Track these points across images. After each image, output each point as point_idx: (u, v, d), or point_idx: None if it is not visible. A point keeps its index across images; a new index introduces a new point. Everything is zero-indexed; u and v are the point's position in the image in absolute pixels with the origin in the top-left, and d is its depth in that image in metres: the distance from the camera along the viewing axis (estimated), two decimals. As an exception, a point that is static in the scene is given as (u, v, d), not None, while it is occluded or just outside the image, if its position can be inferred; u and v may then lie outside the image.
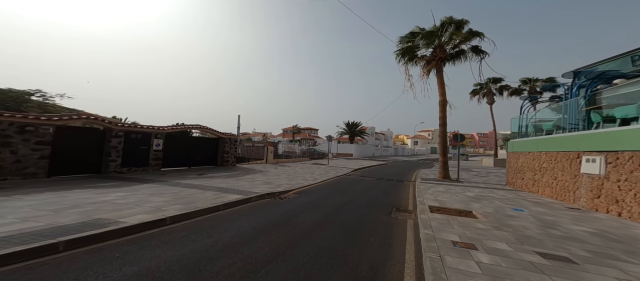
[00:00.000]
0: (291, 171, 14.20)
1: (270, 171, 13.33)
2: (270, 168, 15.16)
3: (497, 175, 17.28)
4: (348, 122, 43.16)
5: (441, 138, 13.29)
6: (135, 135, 10.27)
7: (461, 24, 13.13)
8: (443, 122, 13.25)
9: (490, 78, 34.58)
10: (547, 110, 10.85)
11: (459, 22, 13.13)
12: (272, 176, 11.43)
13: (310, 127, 64.42)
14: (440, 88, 13.48)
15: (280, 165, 17.64)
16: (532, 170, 9.31)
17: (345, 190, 9.23)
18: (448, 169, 13.14)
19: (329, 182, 11.08)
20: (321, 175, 12.87)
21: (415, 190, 9.55)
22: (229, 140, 14.49)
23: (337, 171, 15.71)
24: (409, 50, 14.70)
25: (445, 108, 13.29)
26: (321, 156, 29.51)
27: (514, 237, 3.97)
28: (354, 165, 21.89)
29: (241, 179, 9.77)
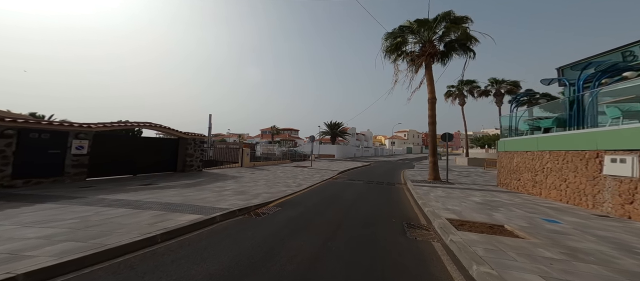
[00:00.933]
0: (271, 176, 12.51)
1: (245, 176, 11.51)
2: (246, 172, 13.30)
3: (478, 174, 17.17)
4: (329, 122, 42.14)
5: (431, 137, 12.55)
6: (37, 135, 7.49)
7: (461, 21, 12.45)
8: (433, 120, 12.53)
9: (463, 80, 36.12)
10: (545, 107, 10.47)
11: (458, 19, 12.45)
12: (247, 183, 9.68)
13: (291, 128, 62.45)
14: (429, 85, 12.78)
15: (258, 168, 15.79)
16: (532, 170, 8.77)
17: (336, 198, 7.86)
18: (438, 170, 12.42)
19: (315, 188, 9.63)
20: (305, 180, 11.38)
21: (414, 194, 8.50)
22: (193, 141, 11.95)
23: (322, 174, 14.33)
24: (398, 45, 13.87)
25: (434, 106, 12.60)
26: (303, 158, 27.95)
27: (614, 272, 2.88)
28: (338, 167, 20.70)
29: (205, 189, 7.82)
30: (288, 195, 7.89)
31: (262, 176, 12.09)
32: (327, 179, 12.54)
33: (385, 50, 14.89)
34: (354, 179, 13.11)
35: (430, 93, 12.67)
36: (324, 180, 12.06)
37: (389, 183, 11.77)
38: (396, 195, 8.91)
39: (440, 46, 13.57)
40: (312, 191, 8.99)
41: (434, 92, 12.67)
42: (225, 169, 14.26)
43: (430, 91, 12.66)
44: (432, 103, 12.55)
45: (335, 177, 14.19)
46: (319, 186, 10.30)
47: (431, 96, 12.60)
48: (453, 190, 9.58)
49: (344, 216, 5.60)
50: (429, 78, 12.90)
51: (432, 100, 12.57)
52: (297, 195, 8.03)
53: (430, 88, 12.72)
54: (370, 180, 12.72)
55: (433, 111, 12.52)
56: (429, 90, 12.74)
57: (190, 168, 11.80)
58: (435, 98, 12.60)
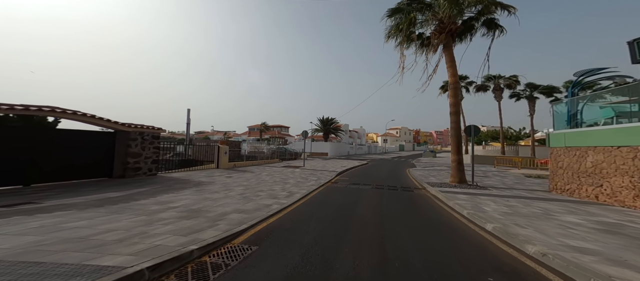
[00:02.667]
0: (253, 180, 9.72)
1: (216, 182, 8.66)
2: (220, 176, 10.41)
3: (496, 174, 15.06)
4: (322, 118, 39.46)
5: (454, 130, 10.15)
6: None
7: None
8: (455, 109, 10.14)
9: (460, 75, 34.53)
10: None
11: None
12: (214, 193, 6.87)
13: (281, 125, 59.32)
14: (451, 68, 10.37)
15: (238, 170, 12.91)
16: (628, 173, 6.47)
17: (348, 218, 5.21)
18: (464, 171, 10.04)
19: (313, 199, 6.96)
20: (298, 186, 8.69)
21: (455, 207, 6.02)
22: (141, 136, 8.54)
23: (317, 176, 11.68)
24: (408, 23, 11.38)
25: (457, 93, 10.21)
26: (294, 156, 25.18)
27: None
28: (334, 166, 18.12)
29: (131, 209, 4.81)
30: (273, 214, 5.17)
31: (241, 181, 9.27)
32: (325, 183, 9.91)
33: (390, 32, 12.43)
34: (359, 183, 10.55)
35: (451, 77, 10.27)
36: (322, 185, 9.42)
37: (405, 188, 9.29)
38: (429, 208, 6.38)
39: (458, 21, 11.21)
40: (309, 205, 6.32)
41: (457, 75, 10.28)
42: (196, 171, 11.29)
43: (452, 74, 10.27)
44: (454, 89, 10.16)
45: (334, 179, 11.59)
46: (316, 195, 7.65)
47: (453, 80, 10.21)
48: (500, 198, 7.19)
49: (378, 267, 3.00)
50: (449, 60, 10.48)
51: (454, 86, 10.18)
52: (286, 214, 5.33)
53: (451, 71, 10.32)
54: (379, 184, 10.19)
55: (456, 99, 10.13)
56: (450, 73, 10.34)
57: (135, 172, 8.41)
58: (458, 82, 10.22)
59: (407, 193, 8.47)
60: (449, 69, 10.38)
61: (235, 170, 12.55)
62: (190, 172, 10.91)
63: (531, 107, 29.68)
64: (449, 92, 10.24)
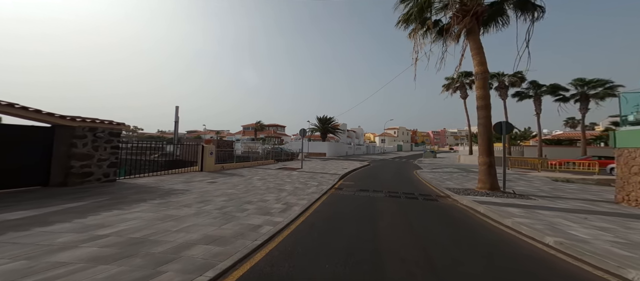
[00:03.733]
0: (242, 187, 7.98)
1: (193, 191, 6.87)
2: (201, 182, 8.64)
3: (519, 177, 13.59)
4: (320, 117, 37.80)
5: (483, 127, 8.55)
6: None
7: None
8: (485, 103, 8.55)
9: (462, 72, 33.18)
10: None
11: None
12: (182, 209, 5.10)
13: (276, 124, 57.46)
14: (478, 56, 8.77)
15: (226, 173, 11.13)
16: None
17: (372, 253, 3.53)
18: (495, 176, 8.44)
19: (316, 214, 5.22)
20: (296, 194, 6.98)
21: (521, 229, 4.40)
22: (94, 133, 6.53)
23: (318, 181, 9.99)
24: (422, 7, 9.81)
25: (486, 84, 8.61)
26: (290, 157, 23.44)
27: None
28: (335, 168, 16.46)
29: (10, 244, 2.95)
30: (261, 245, 3.46)
31: (226, 188, 7.52)
32: (327, 190, 8.23)
33: (400, 19, 10.91)
34: (367, 189, 8.89)
35: (478, 65, 8.67)
36: (325, 192, 7.75)
37: (426, 197, 7.64)
38: (483, 231, 4.72)
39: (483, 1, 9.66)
40: (312, 225, 4.61)
41: (485, 63, 8.68)
42: (172, 176, 9.47)
43: (479, 62, 8.67)
44: (483, 80, 8.55)
45: (338, 184, 9.93)
46: (320, 207, 5.95)
47: (482, 69, 8.60)
48: (567, 213, 5.58)
49: None
50: (475, 47, 8.88)
51: (483, 75, 8.58)
52: (282, 243, 3.62)
53: (478, 59, 8.72)
54: (392, 191, 8.55)
55: (485, 90, 8.52)
56: (476, 62, 8.74)
57: (83, 178, 6.28)
58: (488, 71, 8.63)
59: (432, 203, 6.83)
60: (476, 57, 8.79)
61: (222, 174, 10.76)
62: (164, 177, 9.09)
63: (537, 105, 28.50)
64: (477, 83, 8.63)
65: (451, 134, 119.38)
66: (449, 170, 17.59)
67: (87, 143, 6.28)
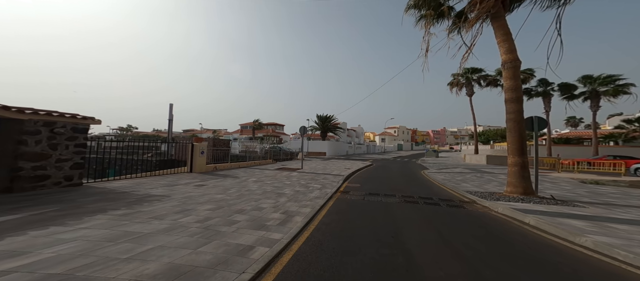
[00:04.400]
0: (234, 191, 6.87)
1: (173, 197, 5.76)
2: (187, 186, 7.52)
3: (542, 179, 12.50)
4: (320, 115, 36.70)
5: (513, 123, 7.40)
6: None
7: None
8: (516, 95, 7.39)
9: (469, 68, 32.16)
10: None
11: None
12: (150, 222, 3.97)
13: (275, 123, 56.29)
14: (506, 43, 7.63)
15: (218, 174, 10.00)
16: None
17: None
18: (530, 179, 7.29)
19: (322, 227, 4.09)
20: (297, 199, 5.87)
21: (615, 254, 3.33)
22: (51, 129, 5.37)
23: (321, 183, 8.90)
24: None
25: (518, 73, 7.47)
26: (289, 156, 22.33)
27: None
28: (337, 168, 15.39)
29: None
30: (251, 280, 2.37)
31: (214, 193, 6.40)
32: (332, 194, 7.16)
33: (412, 3, 9.92)
34: (377, 192, 7.80)
35: (507, 53, 7.53)
36: (330, 197, 6.68)
37: (449, 203, 6.56)
38: (543, 251, 3.62)
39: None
40: (319, 244, 3.49)
41: (515, 50, 7.54)
42: (153, 178, 8.35)
43: (508, 50, 7.53)
44: (513, 69, 7.40)
45: (343, 187, 8.84)
46: (326, 217, 4.85)
47: (511, 57, 7.46)
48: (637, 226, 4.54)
49: None
50: (502, 33, 7.74)
51: (513, 64, 7.42)
52: (281, 275, 2.54)
53: (506, 46, 7.58)
54: (406, 195, 7.46)
55: (516, 81, 7.36)
56: (504, 49, 7.61)
57: (36, 182, 5.11)
58: (519, 59, 7.49)
59: (460, 211, 5.74)
60: (503, 44, 7.66)
61: (214, 175, 9.63)
62: (145, 179, 7.95)
63: (546, 103, 27.52)
64: (505, 73, 7.50)
65: (451, 133, 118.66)
66: (458, 170, 16.56)
67: (42, 141, 5.10)
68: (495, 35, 7.85)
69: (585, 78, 24.02)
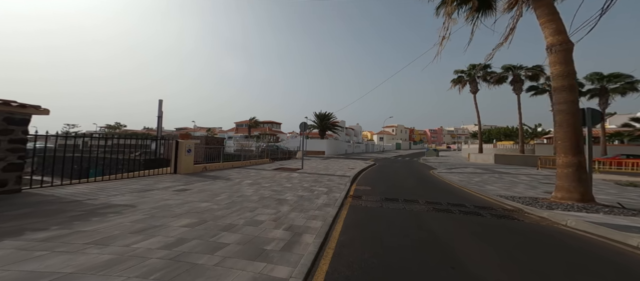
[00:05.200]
0: (224, 197, 5.57)
1: (140, 208, 4.43)
2: (164, 192, 6.17)
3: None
4: (318, 113, 35.41)
5: (566, 115, 6.04)
6: None
7: None
8: (568, 83, 6.06)
9: (473, 65, 31.23)
10: None
11: None
12: (85, 251, 2.68)
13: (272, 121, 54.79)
14: (553, 23, 6.33)
15: (207, 176, 8.67)
16: None
17: None
18: (588, 182, 5.91)
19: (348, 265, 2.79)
20: (301, 208, 4.60)
21: None
22: None
23: (326, 186, 7.64)
24: None
25: (570, 58, 6.22)
26: (287, 155, 21.04)
27: None
28: (339, 167, 14.17)
29: None
30: None
31: (198, 201, 5.09)
32: (343, 200, 5.94)
33: None
34: (395, 197, 6.57)
35: (554, 35, 6.29)
36: (341, 205, 5.44)
37: (494, 213, 5.34)
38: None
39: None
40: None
41: (565, 32, 6.30)
42: (128, 181, 6.98)
43: (556, 31, 6.28)
44: (563, 53, 6.13)
45: (352, 190, 7.61)
46: (344, 239, 3.57)
47: (560, 39, 6.20)
48: None
49: None
50: (547, 13, 6.47)
51: (563, 47, 6.15)
52: None
53: (554, 27, 6.32)
54: (432, 201, 6.26)
55: (567, 66, 6.08)
56: (551, 30, 6.34)
57: None
58: (570, 41, 6.26)
59: (515, 224, 4.54)
60: (549, 25, 6.40)
61: (202, 177, 8.30)
62: (112, 183, 6.56)
63: (553, 100, 26.75)
64: (553, 57, 6.25)
65: (448, 132, 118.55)
66: (469, 170, 15.50)
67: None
68: (538, 15, 6.64)
69: (595, 75, 23.25)
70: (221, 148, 14.55)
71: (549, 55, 6.34)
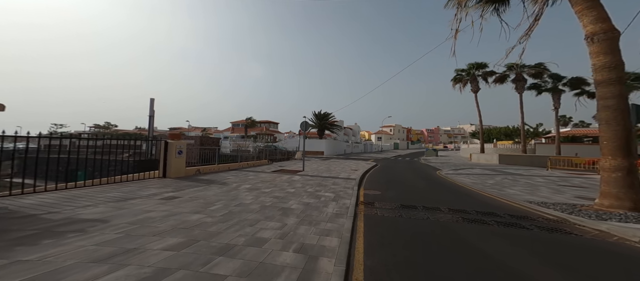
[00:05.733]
0: (218, 207, 4.77)
1: (112, 224, 3.62)
2: (147, 201, 5.33)
3: (592, 183, 10.84)
4: (317, 113, 34.63)
5: (613, 112, 5.23)
6: None
7: None
8: (615, 75, 5.24)
9: (473, 63, 30.87)
10: None
11: None
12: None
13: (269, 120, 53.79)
14: (592, 10, 5.47)
15: (201, 180, 7.84)
16: None
17: None
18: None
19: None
20: (310, 219, 3.83)
21: None
22: None
23: (332, 191, 6.88)
24: None
25: (616, 47, 5.44)
26: (286, 156, 20.23)
27: None
28: (342, 169, 13.45)
29: None
30: None
31: (185, 215, 4.29)
32: (354, 209, 5.20)
33: None
34: (413, 205, 5.85)
35: (595, 22, 5.52)
36: (354, 215, 4.71)
37: (538, 224, 4.64)
38: None
39: None
40: None
41: (608, 18, 5.56)
42: (102, 189, 6.12)
43: (597, 18, 5.50)
44: (607, 42, 5.34)
45: (361, 196, 6.86)
46: (371, 264, 2.83)
47: (602, 27, 5.43)
48: None
49: None
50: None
51: (608, 35, 5.38)
52: None
53: (594, 14, 5.55)
54: (458, 210, 5.55)
55: (613, 56, 5.27)
56: (591, 18, 5.54)
57: None
58: (616, 29, 5.53)
59: (573, 240, 3.85)
60: (588, 12, 5.63)
61: (195, 181, 7.46)
62: (85, 190, 5.71)
63: (556, 100, 26.40)
64: (595, 48, 5.49)
65: (445, 132, 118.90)
66: (477, 171, 14.91)
67: None
68: (573, 2, 5.94)
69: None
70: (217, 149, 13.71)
71: (590, 46, 5.63)
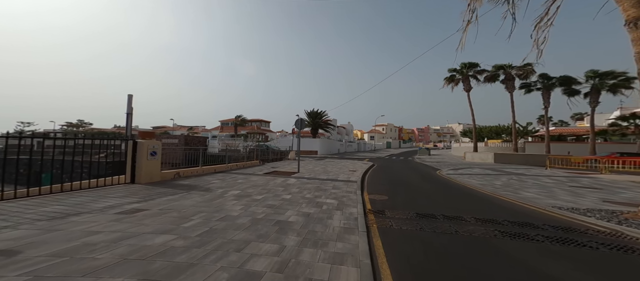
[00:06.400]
0: (194, 223, 3.73)
1: (30, 256, 2.56)
2: (98, 216, 4.19)
3: (603, 184, 10.32)
4: (310, 111, 33.64)
5: None
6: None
7: None
8: None
9: (466, 63, 30.91)
10: None
11: None
12: None
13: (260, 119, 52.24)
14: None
15: (178, 187, 6.71)
16: None
17: None
18: None
19: None
20: (314, 239, 2.87)
21: None
22: None
23: (335, 196, 5.96)
24: None
25: None
26: (279, 156, 19.14)
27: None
28: (339, 169, 12.56)
29: None
30: None
31: (152, 232, 3.23)
32: (364, 221, 4.30)
33: None
34: (431, 213, 5.03)
35: (637, 6, 4.96)
36: (365, 229, 3.80)
37: (594, 239, 3.86)
38: None
39: None
40: None
41: None
42: (43, 200, 4.94)
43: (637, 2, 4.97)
44: None
45: (369, 204, 5.99)
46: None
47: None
48: None
49: None
50: None
51: None
52: None
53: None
54: (484, 219, 4.75)
55: None
56: (632, 1, 5.01)
57: None
58: None
59: None
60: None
61: (171, 187, 6.33)
62: (25, 202, 4.52)
63: (546, 99, 26.66)
64: (637, 34, 4.87)
65: (434, 131, 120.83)
66: (477, 171, 14.43)
67: None
68: None
69: (590, 72, 23.17)
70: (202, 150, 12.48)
71: (632, 32, 4.97)
